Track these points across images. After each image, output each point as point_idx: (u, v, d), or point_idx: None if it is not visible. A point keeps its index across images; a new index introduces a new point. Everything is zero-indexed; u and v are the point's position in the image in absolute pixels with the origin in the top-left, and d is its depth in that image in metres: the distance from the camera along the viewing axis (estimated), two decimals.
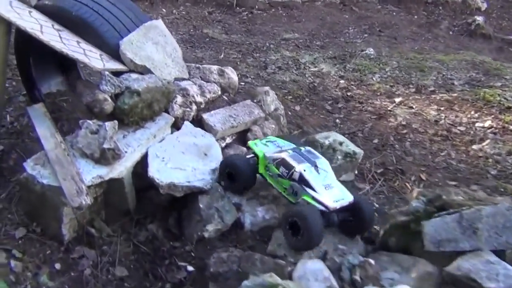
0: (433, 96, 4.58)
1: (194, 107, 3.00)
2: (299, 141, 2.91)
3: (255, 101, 3.36)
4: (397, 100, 4.43)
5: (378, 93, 4.59)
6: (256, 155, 2.58)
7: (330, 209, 2.25)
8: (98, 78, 2.79)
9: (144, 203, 2.74)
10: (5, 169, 3.03)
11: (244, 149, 2.99)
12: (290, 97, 4.33)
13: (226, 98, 3.28)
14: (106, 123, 2.49)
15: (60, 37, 2.81)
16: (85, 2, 2.99)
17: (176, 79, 3.09)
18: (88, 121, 2.55)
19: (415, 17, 8.21)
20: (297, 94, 4.42)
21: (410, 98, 4.51)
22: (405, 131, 3.89)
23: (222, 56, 5.25)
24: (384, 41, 6.46)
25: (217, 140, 2.90)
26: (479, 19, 7.38)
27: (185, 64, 3.23)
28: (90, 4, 2.98)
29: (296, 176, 2.32)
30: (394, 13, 8.16)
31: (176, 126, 2.90)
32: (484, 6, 9.30)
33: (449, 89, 4.78)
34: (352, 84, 4.77)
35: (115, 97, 2.70)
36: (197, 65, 3.35)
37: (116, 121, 2.54)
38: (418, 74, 5.13)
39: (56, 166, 2.40)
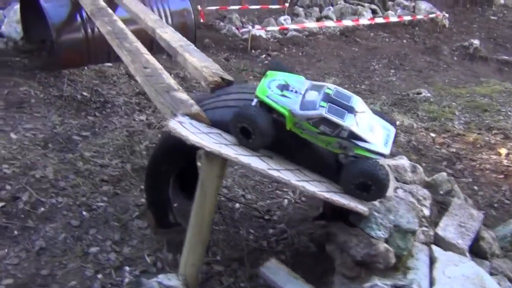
0: None
1: (425, 223, 2.55)
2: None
3: (441, 192, 2.99)
4: (502, 152, 4.34)
5: (478, 145, 4.47)
6: (278, 113, 2.12)
7: (386, 156, 2.13)
8: None
9: None
10: None
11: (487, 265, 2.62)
12: None
13: None
14: (413, 286, 1.96)
15: (289, 171, 2.19)
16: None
17: None
18: (380, 284, 2.00)
19: (404, 41, 8.39)
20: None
21: (509, 146, 4.45)
22: None
23: None
24: (414, 76, 6.43)
25: None
26: (476, 42, 7.72)
27: None
28: None
29: (344, 134, 2.04)
30: (387, 39, 8.25)
31: None
32: (447, 23, 9.86)
33: None
34: (445, 137, 4.59)
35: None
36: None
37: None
38: (486, 115, 5.13)
39: None
